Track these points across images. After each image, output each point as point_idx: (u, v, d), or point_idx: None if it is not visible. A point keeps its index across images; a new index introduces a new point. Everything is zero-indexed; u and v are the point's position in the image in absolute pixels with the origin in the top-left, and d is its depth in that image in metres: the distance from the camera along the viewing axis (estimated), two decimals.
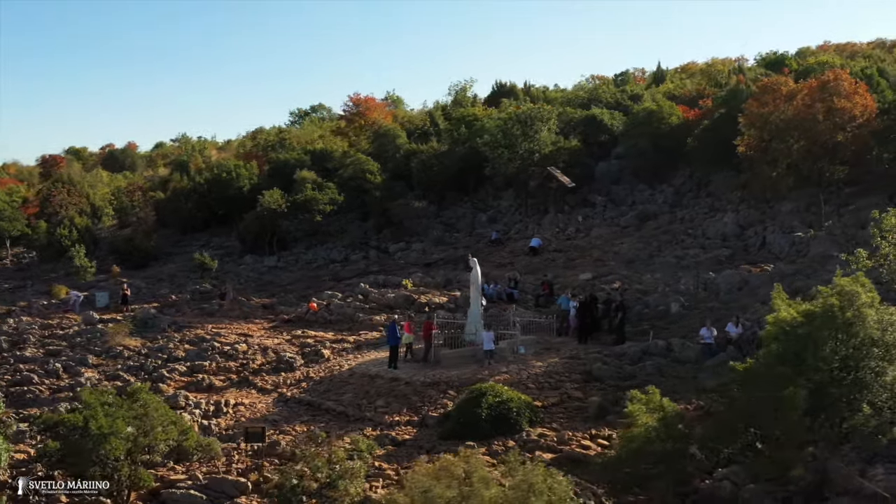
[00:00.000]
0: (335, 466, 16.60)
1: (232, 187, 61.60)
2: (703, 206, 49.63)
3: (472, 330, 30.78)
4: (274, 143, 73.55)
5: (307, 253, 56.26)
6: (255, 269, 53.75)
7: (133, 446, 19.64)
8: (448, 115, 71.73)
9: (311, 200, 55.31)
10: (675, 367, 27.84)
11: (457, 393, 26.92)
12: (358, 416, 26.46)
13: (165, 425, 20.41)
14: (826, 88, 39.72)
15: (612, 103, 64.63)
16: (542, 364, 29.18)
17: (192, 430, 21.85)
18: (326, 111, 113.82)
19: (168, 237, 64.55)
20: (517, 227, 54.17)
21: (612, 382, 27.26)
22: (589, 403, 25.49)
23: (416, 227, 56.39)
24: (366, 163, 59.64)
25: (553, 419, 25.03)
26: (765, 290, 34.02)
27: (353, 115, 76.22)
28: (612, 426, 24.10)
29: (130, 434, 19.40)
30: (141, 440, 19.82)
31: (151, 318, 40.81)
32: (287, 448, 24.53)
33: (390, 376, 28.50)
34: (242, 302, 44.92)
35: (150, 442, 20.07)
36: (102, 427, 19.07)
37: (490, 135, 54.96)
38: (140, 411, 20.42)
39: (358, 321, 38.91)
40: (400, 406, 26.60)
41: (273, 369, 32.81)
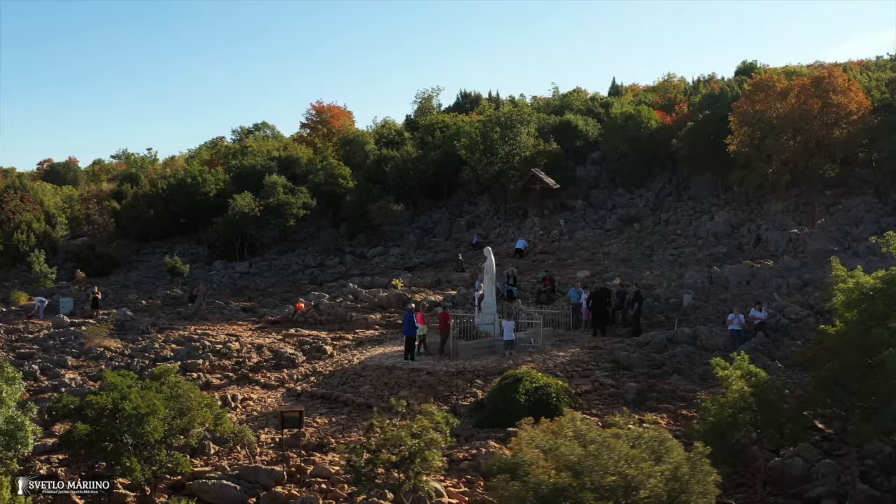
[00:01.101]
0: (418, 438, 15.29)
1: (198, 193, 59.61)
2: (686, 208, 49.46)
3: (488, 321, 29.63)
4: (235, 151, 71.68)
5: (279, 258, 54.66)
6: (227, 274, 51.88)
7: (170, 429, 18.02)
8: (415, 124, 70.83)
9: (285, 205, 53.72)
10: (704, 354, 27.07)
11: (484, 382, 25.83)
12: (381, 406, 25.07)
13: (201, 408, 18.81)
14: (821, 85, 39.84)
15: (583, 110, 64.41)
16: (565, 354, 28.25)
17: (227, 415, 20.24)
18: (271, 129, 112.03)
19: (127, 245, 62.17)
20: (497, 232, 53.32)
21: (641, 370, 26.41)
22: (625, 389, 24.55)
23: (392, 233, 55.18)
24: (337, 167, 58.30)
25: (591, 405, 24.06)
26: (774, 282, 33.77)
27: (317, 123, 74.76)
28: (654, 411, 23.29)
29: (168, 415, 17.78)
30: (178, 422, 18.20)
31: (129, 321, 38.94)
32: (312, 439, 23.18)
33: (409, 367, 27.22)
34: (221, 305, 43.28)
35: (186, 424, 18.47)
36: (139, 407, 17.42)
37: (469, 137, 54.07)
38: (173, 392, 18.84)
39: (351, 320, 37.57)
40: (425, 396, 25.30)
41: (273, 366, 31.25)
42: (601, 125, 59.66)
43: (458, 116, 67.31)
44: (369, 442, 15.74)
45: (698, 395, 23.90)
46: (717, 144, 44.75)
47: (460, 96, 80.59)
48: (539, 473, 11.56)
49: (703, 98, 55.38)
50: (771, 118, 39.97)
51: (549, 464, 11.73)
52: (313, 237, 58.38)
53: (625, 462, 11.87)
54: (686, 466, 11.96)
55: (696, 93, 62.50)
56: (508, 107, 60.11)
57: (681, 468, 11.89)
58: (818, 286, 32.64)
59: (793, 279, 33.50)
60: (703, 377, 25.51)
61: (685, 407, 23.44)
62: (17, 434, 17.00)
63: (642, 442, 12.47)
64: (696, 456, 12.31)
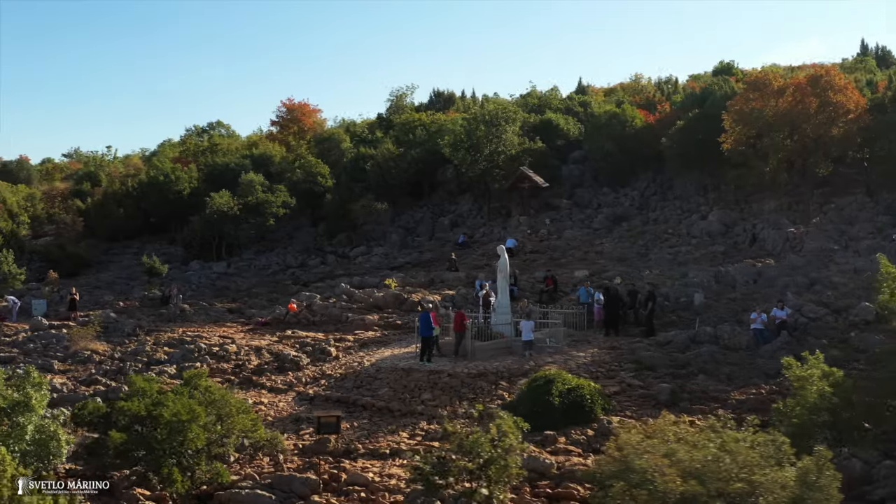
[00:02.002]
0: (496, 443, 14.40)
1: (171, 191, 57.88)
2: (673, 207, 49.27)
3: (503, 320, 28.81)
4: (205, 149, 69.88)
5: (258, 258, 53.28)
6: (205, 275, 50.39)
7: (210, 436, 16.93)
8: (388, 122, 69.81)
9: (264, 203, 52.36)
10: (727, 354, 26.60)
11: (509, 384, 25.04)
12: (405, 410, 24.17)
13: (239, 414, 17.72)
14: (819, 83, 39.81)
15: (562, 108, 63.97)
16: (585, 355, 27.55)
17: (261, 421, 19.15)
18: (226, 128, 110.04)
19: (96, 245, 60.10)
20: (482, 231, 52.61)
21: (665, 371, 25.82)
22: (657, 390, 23.92)
23: (374, 232, 54.16)
24: (315, 165, 57.05)
25: (622, 407, 23.40)
26: (782, 280, 33.51)
27: (287, 121, 73.33)
28: (688, 412, 22.67)
29: (209, 422, 16.69)
30: (218, 429, 17.11)
31: (112, 323, 37.45)
32: (337, 445, 22.13)
33: (427, 369, 26.28)
34: (205, 306, 41.92)
35: (225, 431, 17.38)
36: (179, 413, 16.29)
37: (453, 135, 53.25)
38: (206, 398, 17.72)
39: (347, 321, 36.55)
40: (449, 399, 24.45)
41: (276, 369, 30.12)
42: (582, 124, 59.28)
43: (435, 115, 66.45)
44: (444, 447, 14.79)
45: (732, 396, 23.44)
46: (709, 143, 44.61)
47: (433, 94, 79.78)
48: (668, 482, 10.79)
49: (686, 97, 55.30)
50: (769, 116, 39.81)
51: (674, 471, 10.96)
52: (291, 237, 57.11)
53: (748, 467, 11.15)
54: (814, 471, 11.29)
55: (675, 92, 62.56)
56: (493, 104, 59.34)
57: (809, 473, 11.22)
58: (827, 285, 32.49)
59: (800, 278, 33.27)
60: (731, 377, 25.01)
61: (720, 408, 22.82)
62: (50, 444, 15.84)
63: (758, 445, 11.77)
64: (821, 460, 11.64)
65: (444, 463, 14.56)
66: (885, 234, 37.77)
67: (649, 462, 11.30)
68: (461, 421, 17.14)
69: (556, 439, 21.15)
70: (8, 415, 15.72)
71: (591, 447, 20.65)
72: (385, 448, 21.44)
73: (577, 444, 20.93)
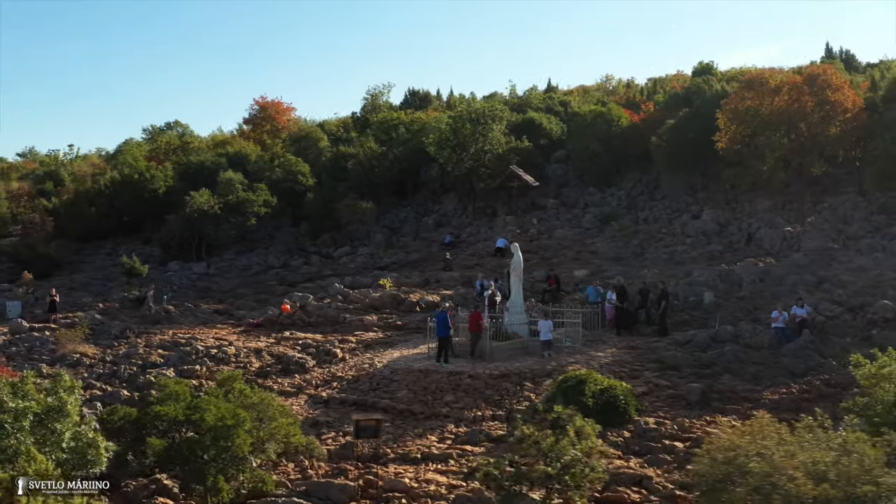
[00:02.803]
0: (577, 447, 13.67)
1: (146, 190, 56.24)
2: (662, 207, 49.00)
3: (518, 320, 28.09)
4: (176, 147, 68.19)
5: (239, 259, 51.97)
6: (185, 276, 48.96)
7: (255, 442, 15.99)
8: (364, 121, 68.84)
9: (245, 202, 51.07)
10: (749, 353, 26.19)
11: (534, 385, 24.35)
12: (428, 412, 23.36)
13: (280, 418, 16.79)
14: (817, 82, 39.78)
15: (542, 108, 63.48)
16: (605, 354, 26.98)
17: (298, 425, 18.22)
18: (183, 128, 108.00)
19: (66, 245, 58.13)
20: (468, 231, 51.90)
21: (689, 371, 25.33)
22: (686, 390, 23.39)
23: (358, 232, 53.13)
24: (296, 164, 55.86)
25: (653, 408, 22.83)
26: (790, 279, 33.28)
27: (260, 119, 71.93)
28: (721, 412, 22.18)
29: (254, 427, 15.76)
30: (261, 434, 16.18)
31: (97, 325, 36.05)
32: (364, 450, 21.22)
33: (447, 370, 25.48)
34: (191, 308, 40.66)
35: (267, 436, 16.45)
36: (224, 418, 15.34)
37: (438, 134, 52.45)
38: (243, 401, 16.78)
39: (344, 322, 35.61)
40: (473, 401, 23.70)
41: (281, 371, 29.10)
42: (565, 123, 58.87)
43: (415, 113, 65.60)
44: (521, 450, 14.00)
45: (763, 396, 23.00)
46: (700, 142, 44.46)
47: (408, 93, 78.90)
48: (799, 485, 10.16)
49: (671, 97, 55.20)
50: (766, 115, 39.68)
51: (800, 473, 10.33)
52: (272, 237, 55.84)
53: (872, 469, 10.58)
54: None
55: (655, 92, 62.53)
56: (479, 102, 58.67)
57: None
58: (835, 283, 32.33)
59: (807, 276, 33.07)
60: (756, 376, 24.58)
61: (753, 408, 22.34)
62: (88, 452, 14.76)
63: (877, 446, 11.20)
64: None
65: (519, 469, 13.78)
66: (882, 232, 37.80)
67: (769, 465, 10.65)
68: (519, 423, 16.17)
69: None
70: (42, 421, 14.63)
71: (631, 449, 20.08)
72: (415, 452, 20.66)
73: (615, 446, 20.30)
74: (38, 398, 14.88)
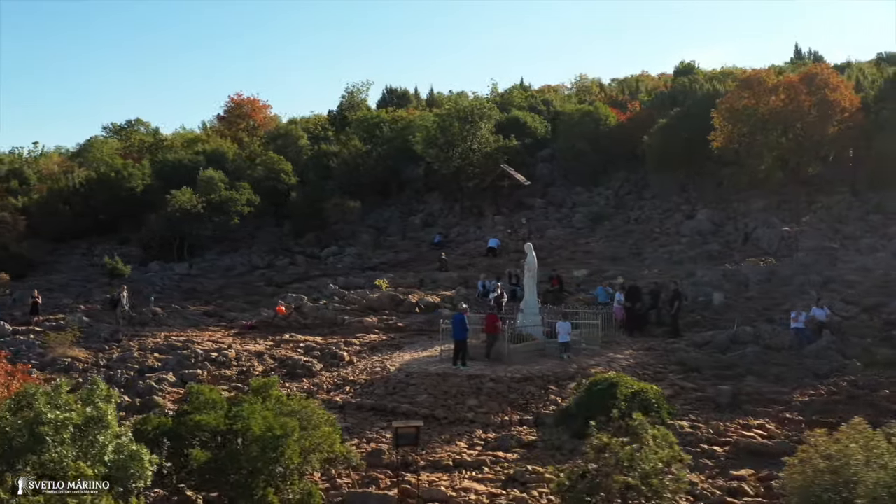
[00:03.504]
0: (660, 453, 13.05)
1: (123, 188, 54.75)
2: (652, 206, 48.73)
3: (533, 322, 27.47)
4: (150, 145, 66.62)
5: (222, 259, 50.79)
6: (167, 276, 47.69)
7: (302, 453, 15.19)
8: (343, 119, 67.85)
9: (229, 201, 49.88)
10: (771, 354, 25.86)
11: (558, 388, 23.76)
12: (452, 417, 22.63)
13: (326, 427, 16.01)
14: (815, 81, 39.72)
15: (525, 107, 62.99)
16: (624, 356, 26.48)
17: (340, 433, 17.43)
18: (145, 126, 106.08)
19: (39, 245, 56.42)
20: (456, 230, 51.23)
21: (711, 372, 24.88)
22: (714, 393, 22.94)
23: (343, 232, 52.20)
24: (278, 162, 54.75)
25: (683, 411, 22.33)
26: (797, 279, 33.09)
27: (236, 117, 70.57)
28: (753, 415, 21.77)
29: (303, 437, 14.97)
30: (306, 444, 15.38)
31: (86, 327, 34.85)
32: (392, 457, 20.44)
33: (466, 374, 24.76)
34: (178, 309, 39.55)
35: (313, 446, 15.66)
36: (273, 427, 14.53)
37: (425, 132, 51.69)
38: (282, 408, 15.98)
39: (343, 324, 34.77)
40: (498, 405, 23.02)
41: (286, 375, 28.16)
42: (549, 122, 58.48)
43: (397, 111, 64.78)
44: (600, 458, 13.33)
45: (794, 398, 22.62)
46: (691, 141, 44.32)
47: (386, 92, 77.95)
48: None
49: (656, 96, 55.07)
50: (764, 114, 39.55)
51: None
52: (253, 236, 54.66)
53: None
54: None
55: (638, 91, 62.44)
56: (467, 100, 58.02)
57: None
58: (842, 283, 32.20)
59: (814, 276, 32.90)
60: (780, 378, 24.22)
61: (784, 410, 22.00)
62: (131, 466, 13.85)
63: None
64: None
65: (593, 480, 13.15)
66: (881, 232, 37.84)
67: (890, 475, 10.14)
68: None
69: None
70: (82, 432, 13.68)
71: None
72: (446, 459, 19.94)
73: None
74: (77, 408, 13.96)
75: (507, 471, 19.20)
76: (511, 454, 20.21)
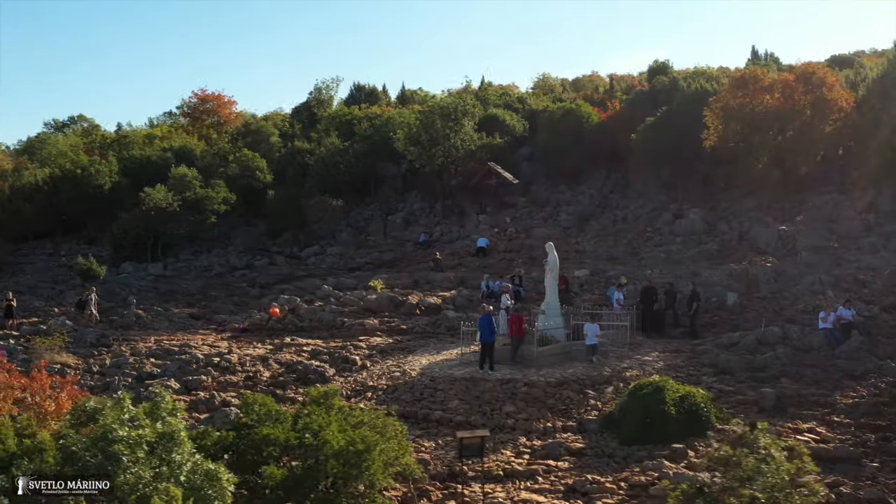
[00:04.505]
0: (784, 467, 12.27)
1: (90, 186, 52.57)
2: (637, 206, 48.32)
3: (556, 324, 26.60)
4: (112, 141, 64.27)
5: (197, 259, 49.06)
6: (141, 277, 45.82)
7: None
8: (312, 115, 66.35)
9: (205, 199, 48.15)
10: (800, 355, 25.42)
11: (596, 392, 22.96)
12: (491, 424, 21.60)
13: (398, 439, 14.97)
14: (811, 80, 39.60)
15: (500, 104, 62.18)
16: (652, 358, 25.79)
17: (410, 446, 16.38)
18: (88, 122, 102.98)
19: (1, 245, 53.93)
20: (439, 229, 50.22)
21: (744, 374, 24.30)
22: (757, 396, 22.34)
23: (321, 231, 50.81)
24: (253, 160, 53.12)
25: (726, 415, 21.65)
26: (807, 279, 32.81)
27: (200, 113, 68.52)
28: (800, 419, 21.20)
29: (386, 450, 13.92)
30: (384, 458, 14.32)
31: (70, 332, 33.05)
32: (438, 467, 19.41)
33: (496, 378, 23.81)
34: (160, 312, 37.95)
35: (390, 459, 14.62)
36: (355, 442, 13.46)
37: (407, 129, 50.57)
38: (349, 420, 14.92)
39: (343, 326, 33.58)
40: (538, 411, 22.11)
41: (298, 380, 26.90)
42: (528, 121, 57.84)
43: (370, 108, 63.54)
44: (724, 471, 12.50)
45: (838, 401, 22.14)
46: (679, 140, 44.07)
47: (354, 88, 76.47)
48: None
49: (636, 95, 54.82)
50: (761, 113, 39.33)
51: None
52: (227, 235, 52.94)
53: None
54: None
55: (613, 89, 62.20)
56: (450, 97, 57.00)
57: None
58: (853, 282, 32.02)
59: (823, 276, 32.66)
60: (815, 380, 23.79)
61: (831, 413, 21.50)
62: (208, 488, 12.65)
63: None
64: None
65: (713, 495, 12.33)
66: (877, 231, 37.84)
67: None
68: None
69: (687, 453, 19.29)
70: (155, 450, 12.44)
71: None
72: (496, 469, 18.98)
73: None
74: (146, 423, 12.71)
75: (564, 481, 18.35)
76: (562, 462, 19.36)
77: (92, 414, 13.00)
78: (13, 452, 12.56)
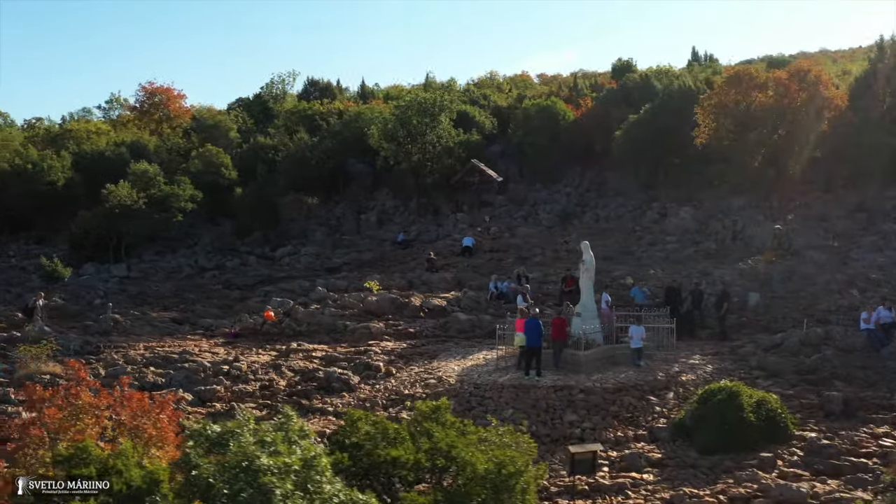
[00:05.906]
0: None
1: (41, 182, 49.35)
2: (616, 204, 47.69)
3: (594, 327, 25.39)
4: (56, 135, 60.67)
5: (162, 260, 46.45)
6: (104, 279, 43.09)
7: None
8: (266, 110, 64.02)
9: (171, 196, 45.58)
10: (844, 356, 24.80)
11: (657, 399, 21.88)
12: (555, 435, 20.40)
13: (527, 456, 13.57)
14: (806, 78, 39.38)
15: (467, 101, 60.82)
16: (699, 362, 24.81)
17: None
18: (4, 117, 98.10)
19: None
20: (415, 228, 48.66)
21: (795, 377, 23.56)
22: (826, 400, 21.52)
23: (292, 230, 48.72)
24: (217, 156, 50.65)
25: (797, 420, 20.83)
26: (822, 278, 32.44)
27: (150, 107, 65.37)
28: (872, 423, 20.50)
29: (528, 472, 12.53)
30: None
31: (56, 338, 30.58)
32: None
33: (546, 385, 22.51)
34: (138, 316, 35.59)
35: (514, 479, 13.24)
36: (504, 465, 12.06)
37: (382, 125, 48.86)
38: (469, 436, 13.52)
39: (345, 330, 31.85)
40: (602, 419, 20.95)
41: (321, 389, 25.18)
42: (495, 117, 56.75)
43: (332, 104, 61.50)
44: None
45: None
46: (662, 138, 43.63)
47: (308, 84, 74.04)
48: None
49: (608, 93, 54.33)
50: (756, 110, 38.98)
51: None
52: (189, 234, 50.30)
53: None
54: None
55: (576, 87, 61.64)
56: (430, 92, 55.36)
57: None
58: (867, 281, 31.76)
59: (838, 275, 32.34)
60: (870, 382, 23.17)
61: None
62: None
63: None
64: None
65: None
66: (873, 230, 37.84)
67: None
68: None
69: (775, 462, 18.37)
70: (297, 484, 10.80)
71: (813, 468, 17.98)
72: (581, 484, 17.63)
73: (795, 465, 18.23)
74: (284, 449, 11.10)
75: (658, 495, 17.21)
76: (646, 475, 18.21)
77: (217, 439, 11.29)
78: (138, 486, 10.72)
